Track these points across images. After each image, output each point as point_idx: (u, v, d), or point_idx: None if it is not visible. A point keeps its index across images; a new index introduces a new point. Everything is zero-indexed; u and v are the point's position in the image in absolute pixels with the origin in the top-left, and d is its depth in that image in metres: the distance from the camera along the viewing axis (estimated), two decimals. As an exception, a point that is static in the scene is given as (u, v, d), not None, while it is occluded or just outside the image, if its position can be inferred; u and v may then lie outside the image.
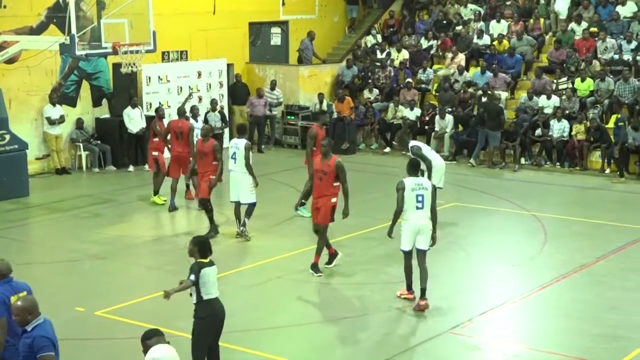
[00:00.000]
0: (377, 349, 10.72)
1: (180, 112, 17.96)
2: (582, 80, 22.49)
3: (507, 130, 21.86)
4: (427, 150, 16.34)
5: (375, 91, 25.21)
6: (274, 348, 10.96)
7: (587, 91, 22.43)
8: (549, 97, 22.31)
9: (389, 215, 16.81)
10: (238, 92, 24.93)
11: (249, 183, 15.33)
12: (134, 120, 21.64)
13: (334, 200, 13.36)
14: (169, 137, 17.66)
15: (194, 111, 18.87)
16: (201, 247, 9.13)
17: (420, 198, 11.73)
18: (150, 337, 7.09)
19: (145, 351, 6.97)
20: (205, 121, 20.57)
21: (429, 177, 15.67)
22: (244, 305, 12.53)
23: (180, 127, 17.47)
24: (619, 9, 24.75)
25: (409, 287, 12.36)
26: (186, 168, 17.42)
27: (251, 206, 15.46)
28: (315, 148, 16.11)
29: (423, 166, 15.88)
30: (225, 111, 23.68)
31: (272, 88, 24.72)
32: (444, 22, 27.01)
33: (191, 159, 16.87)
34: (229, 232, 15.74)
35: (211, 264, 9.09)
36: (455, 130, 22.61)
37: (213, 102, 21.13)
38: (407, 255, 12.15)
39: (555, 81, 23.06)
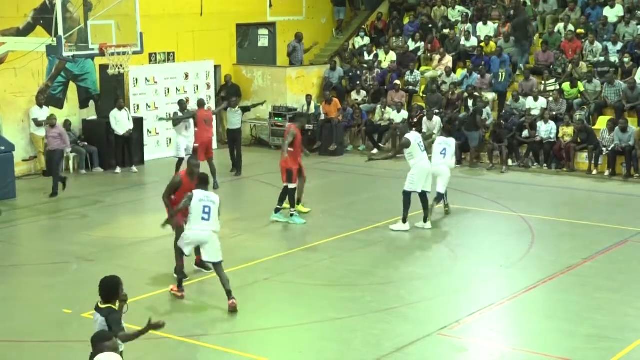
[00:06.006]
0: (365, 350, 10.70)
1: (200, 103, 19.94)
2: (572, 85, 22.49)
3: (493, 131, 21.93)
4: (417, 149, 16.00)
5: (363, 93, 25.23)
6: (262, 350, 10.95)
7: (574, 93, 22.49)
8: (536, 99, 22.37)
9: (376, 217, 16.94)
10: (228, 92, 24.92)
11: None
12: (121, 122, 21.58)
13: None
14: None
15: (182, 104, 19.95)
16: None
17: (207, 210, 11.87)
18: (109, 339, 6.86)
19: (99, 352, 6.76)
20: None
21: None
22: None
23: (207, 115, 19.62)
24: (606, 10, 24.83)
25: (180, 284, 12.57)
26: (210, 152, 19.46)
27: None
28: (292, 149, 16.21)
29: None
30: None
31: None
32: (430, 25, 27.03)
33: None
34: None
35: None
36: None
37: (233, 102, 21.29)
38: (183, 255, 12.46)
39: (542, 83, 23.12)
